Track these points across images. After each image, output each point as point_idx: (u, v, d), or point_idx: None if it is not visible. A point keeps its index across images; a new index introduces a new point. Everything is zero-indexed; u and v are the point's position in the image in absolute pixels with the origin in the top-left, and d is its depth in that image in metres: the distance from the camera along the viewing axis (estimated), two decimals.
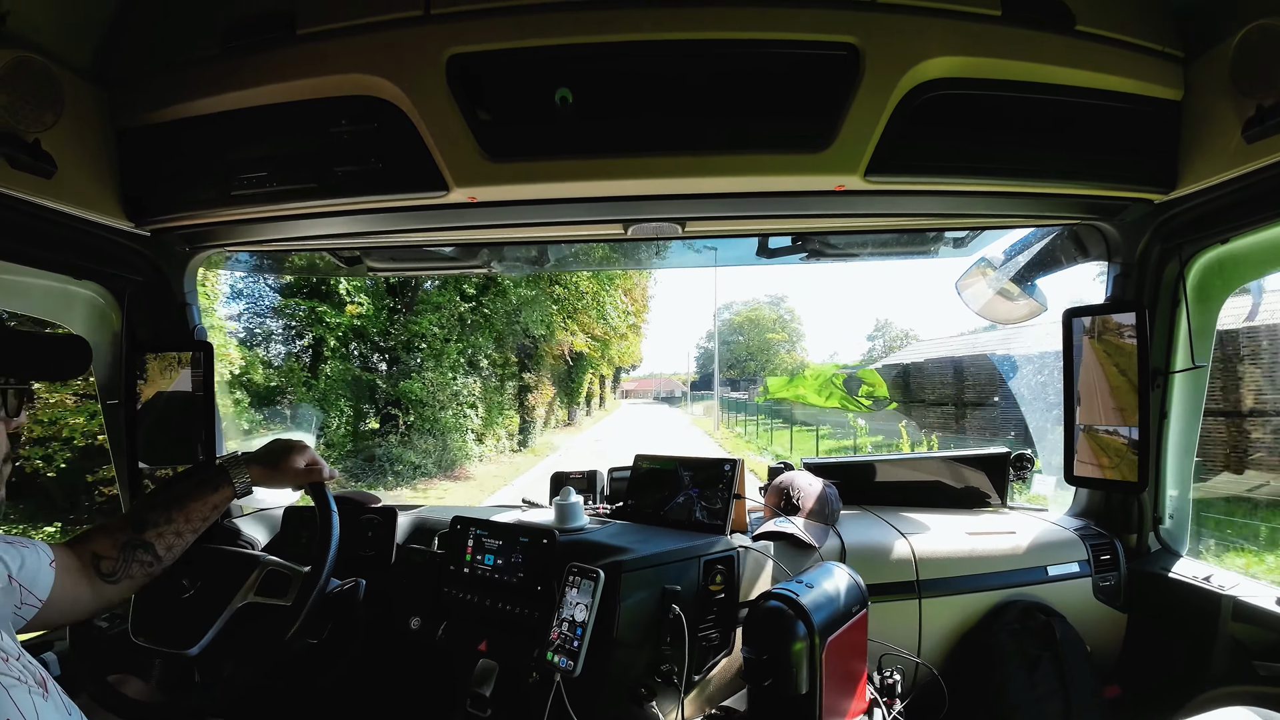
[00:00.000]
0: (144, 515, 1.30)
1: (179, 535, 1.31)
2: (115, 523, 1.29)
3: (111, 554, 1.23)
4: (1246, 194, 1.54)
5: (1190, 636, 1.81)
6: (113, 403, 1.99)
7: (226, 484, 1.38)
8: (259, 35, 1.53)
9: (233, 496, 1.39)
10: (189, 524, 1.33)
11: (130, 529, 1.27)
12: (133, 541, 1.25)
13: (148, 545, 1.26)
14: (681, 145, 1.54)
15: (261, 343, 13.38)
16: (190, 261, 1.99)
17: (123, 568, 1.23)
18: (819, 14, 1.45)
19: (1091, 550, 2.01)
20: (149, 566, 1.27)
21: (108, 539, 1.25)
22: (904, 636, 1.89)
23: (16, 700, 0.74)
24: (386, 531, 1.94)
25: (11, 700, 0.73)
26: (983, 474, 2.38)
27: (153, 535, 1.28)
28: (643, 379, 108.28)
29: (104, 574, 1.21)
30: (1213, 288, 1.86)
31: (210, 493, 1.36)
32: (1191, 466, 1.99)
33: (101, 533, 1.26)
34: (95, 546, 1.23)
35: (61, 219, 1.58)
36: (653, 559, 1.63)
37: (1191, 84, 1.58)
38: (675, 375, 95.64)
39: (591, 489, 2.32)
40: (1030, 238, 2.24)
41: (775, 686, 1.42)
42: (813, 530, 1.93)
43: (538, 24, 1.45)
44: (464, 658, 1.61)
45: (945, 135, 1.57)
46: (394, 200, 1.65)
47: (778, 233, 2.18)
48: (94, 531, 1.26)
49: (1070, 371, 1.96)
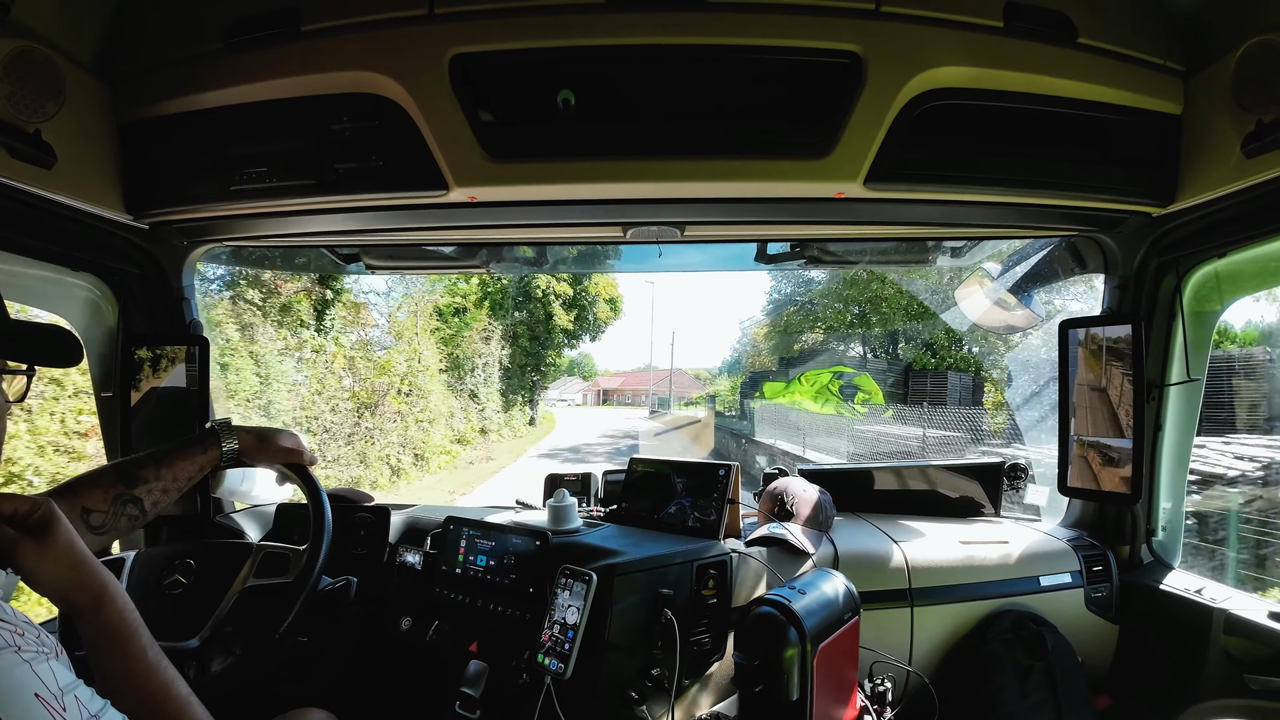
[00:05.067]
0: (133, 470, 1.30)
1: (165, 492, 1.31)
2: (104, 477, 1.27)
3: (101, 507, 1.22)
4: (1245, 209, 1.55)
5: (1182, 649, 1.81)
6: (107, 395, 1.98)
7: (215, 446, 1.39)
8: (264, 31, 1.53)
9: (219, 460, 1.40)
10: (175, 482, 1.33)
11: (121, 483, 1.27)
12: (123, 495, 1.25)
13: (136, 500, 1.26)
14: (682, 149, 1.54)
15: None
16: (188, 255, 1.98)
17: (111, 520, 1.23)
18: (822, 21, 1.45)
19: (1084, 561, 2.01)
20: (135, 520, 1.28)
21: (98, 492, 1.24)
22: (896, 644, 1.89)
23: (39, 673, 0.73)
24: (379, 530, 1.93)
25: (35, 674, 0.72)
26: (976, 483, 2.38)
27: (141, 490, 1.28)
28: (632, 375, 71.53)
29: (93, 526, 1.21)
30: (1209, 301, 1.87)
31: (199, 453, 1.37)
32: (1185, 479, 1.99)
33: (89, 485, 1.25)
34: (85, 500, 1.22)
35: (60, 210, 1.57)
36: (646, 563, 1.63)
37: (1192, 98, 1.58)
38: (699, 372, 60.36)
39: (586, 491, 2.32)
40: (1029, 248, 2.25)
41: (766, 692, 1.42)
42: (806, 536, 1.93)
43: (542, 26, 1.46)
44: (454, 658, 1.61)
45: (945, 145, 1.58)
46: (394, 198, 1.65)
47: (776, 238, 2.19)
48: (80, 484, 1.25)
49: (1065, 383, 1.97)
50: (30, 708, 0.69)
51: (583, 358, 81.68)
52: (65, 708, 0.72)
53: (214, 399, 2.04)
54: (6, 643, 0.71)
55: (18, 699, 0.69)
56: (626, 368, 79.58)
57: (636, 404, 62.18)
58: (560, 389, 69.59)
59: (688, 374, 62.20)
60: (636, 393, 64.93)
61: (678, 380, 52.65)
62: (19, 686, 0.70)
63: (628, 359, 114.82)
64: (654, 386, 55.05)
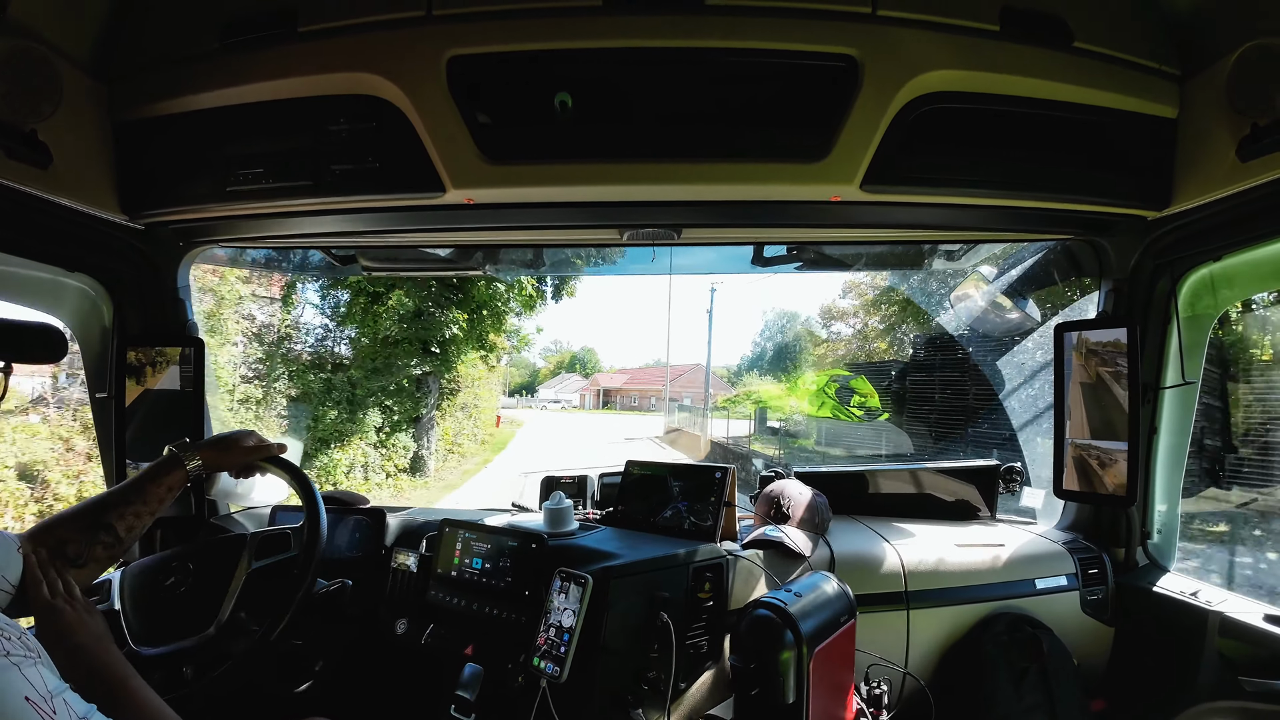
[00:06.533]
0: (104, 500, 1.33)
1: (138, 517, 1.34)
2: (76, 510, 1.31)
3: (76, 538, 1.24)
4: (1239, 213, 1.55)
5: (1177, 651, 1.81)
6: (102, 396, 1.98)
7: (179, 467, 1.40)
8: (261, 31, 1.53)
9: (185, 479, 1.41)
10: (146, 506, 1.35)
11: (92, 513, 1.29)
12: (95, 524, 1.27)
13: (109, 527, 1.28)
14: (679, 152, 1.54)
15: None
16: (184, 256, 1.98)
17: (88, 550, 1.25)
18: (819, 25, 1.46)
19: (1079, 564, 2.01)
20: (111, 548, 1.30)
21: (71, 525, 1.27)
22: (892, 647, 1.89)
23: (29, 677, 0.74)
24: (375, 533, 1.93)
25: (24, 677, 0.73)
26: (972, 486, 2.38)
27: (113, 517, 1.30)
28: (640, 372, 59.72)
29: (71, 559, 1.23)
30: (1203, 305, 1.87)
31: (165, 475, 1.39)
32: (1180, 482, 2.00)
33: (64, 521, 1.28)
34: (59, 533, 1.25)
35: (55, 210, 1.57)
36: (642, 565, 1.63)
37: (1187, 102, 1.59)
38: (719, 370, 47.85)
39: (582, 494, 2.32)
40: (1024, 252, 2.26)
41: (762, 695, 1.42)
42: (803, 539, 1.93)
43: (539, 28, 1.46)
44: (450, 661, 1.60)
45: (941, 149, 1.58)
46: (390, 200, 1.65)
47: (773, 241, 2.19)
48: (56, 521, 1.28)
49: (1061, 385, 1.98)
50: (22, 710, 0.69)
51: (585, 352, 75.12)
52: (55, 710, 0.72)
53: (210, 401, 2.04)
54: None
55: (9, 702, 0.69)
56: (632, 364, 69.88)
57: (645, 408, 50.24)
58: (556, 388, 63.73)
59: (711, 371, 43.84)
60: (645, 393, 52.93)
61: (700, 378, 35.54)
62: (10, 690, 0.70)
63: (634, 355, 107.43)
64: (669, 386, 42.72)
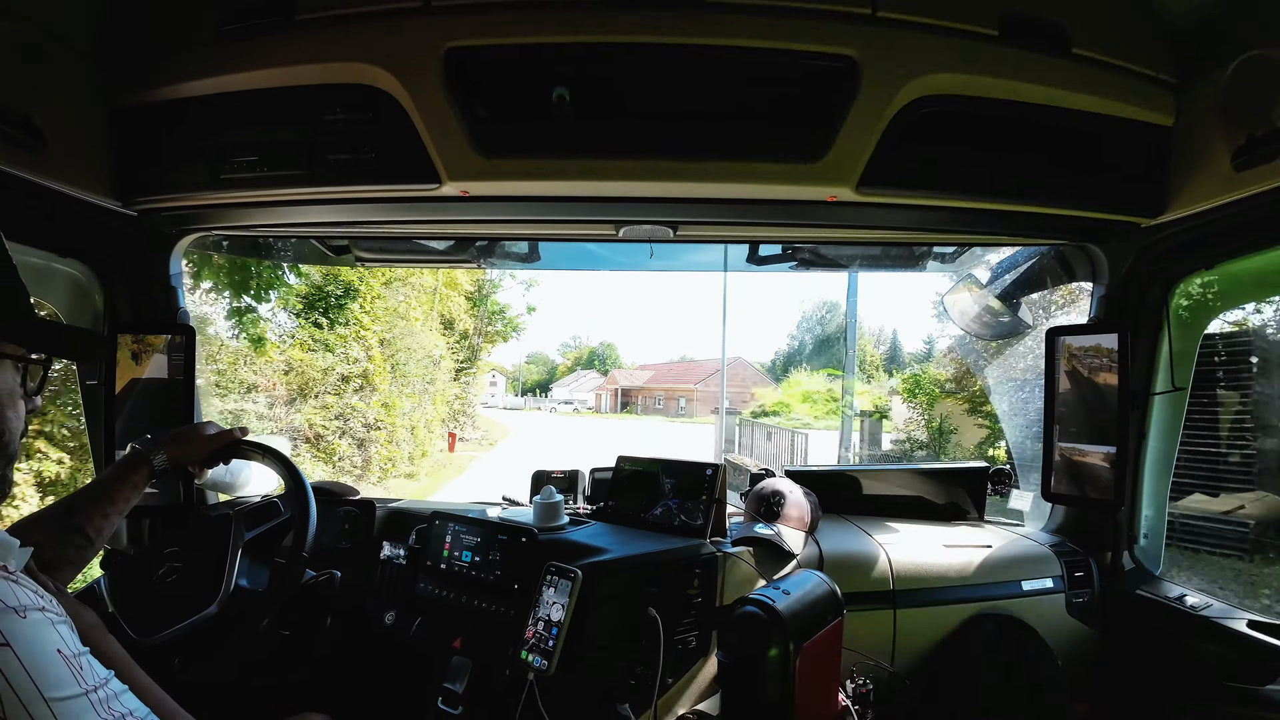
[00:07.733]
0: (72, 503, 1.33)
1: (106, 517, 1.34)
2: (46, 513, 1.32)
3: (49, 542, 1.25)
4: (1233, 222, 1.56)
5: (1162, 655, 1.83)
6: (92, 383, 1.97)
7: (144, 463, 1.41)
8: (258, 19, 1.52)
9: (151, 474, 1.42)
10: (114, 505, 1.35)
11: (62, 516, 1.30)
12: (66, 528, 1.28)
13: (79, 529, 1.29)
14: (677, 149, 1.54)
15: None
16: (177, 243, 1.97)
17: (60, 554, 1.26)
18: (819, 25, 1.46)
19: (1066, 567, 2.03)
20: (82, 550, 1.30)
21: (41, 529, 1.27)
22: (878, 645, 1.90)
23: (62, 634, 0.78)
24: (364, 524, 1.92)
25: (58, 633, 0.77)
26: (961, 488, 2.39)
27: (82, 518, 1.30)
28: (667, 368, 50.62)
29: (45, 563, 1.23)
30: (1195, 312, 1.88)
31: (130, 473, 1.39)
32: (1168, 487, 2.01)
33: (34, 524, 1.28)
34: (34, 537, 1.24)
35: (48, 195, 1.56)
36: (631, 561, 1.63)
37: (1184, 111, 1.60)
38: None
39: (572, 489, 2.32)
40: (1018, 256, 2.26)
41: (749, 691, 1.43)
42: (792, 537, 1.94)
43: (539, 21, 1.45)
44: (438, 654, 1.61)
45: (938, 151, 1.58)
46: (385, 190, 1.64)
47: (769, 240, 2.19)
48: (26, 524, 1.28)
49: (1051, 390, 1.98)
50: (55, 661, 0.74)
51: (605, 347, 69.07)
52: (81, 669, 0.77)
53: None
54: (36, 604, 0.76)
55: (45, 651, 0.74)
56: (656, 359, 59.78)
57: (672, 412, 41.62)
58: (570, 387, 56.48)
59: (751, 365, 40.84)
60: (672, 393, 43.58)
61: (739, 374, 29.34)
62: (47, 642, 0.75)
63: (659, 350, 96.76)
64: (701, 385, 35.59)
